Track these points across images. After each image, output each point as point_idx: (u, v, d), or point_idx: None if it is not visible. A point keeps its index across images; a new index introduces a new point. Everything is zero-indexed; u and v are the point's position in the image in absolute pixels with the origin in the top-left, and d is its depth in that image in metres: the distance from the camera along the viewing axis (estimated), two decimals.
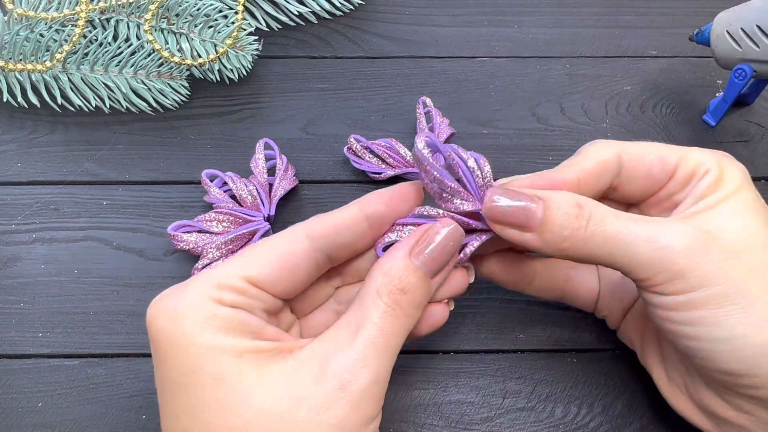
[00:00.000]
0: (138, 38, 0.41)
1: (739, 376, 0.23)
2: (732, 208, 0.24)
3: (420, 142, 0.25)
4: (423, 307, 0.24)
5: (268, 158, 0.38)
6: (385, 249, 0.26)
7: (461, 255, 0.26)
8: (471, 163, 0.25)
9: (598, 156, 0.26)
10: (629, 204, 0.29)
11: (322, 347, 0.23)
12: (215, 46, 0.41)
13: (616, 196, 0.28)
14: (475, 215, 0.26)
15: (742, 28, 0.36)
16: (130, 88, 0.40)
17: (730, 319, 0.22)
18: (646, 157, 0.26)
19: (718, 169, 0.25)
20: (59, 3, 0.41)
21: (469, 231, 0.26)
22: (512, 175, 0.28)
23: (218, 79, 0.42)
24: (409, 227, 0.26)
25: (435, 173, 0.25)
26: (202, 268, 0.34)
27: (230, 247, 0.35)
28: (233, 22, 0.41)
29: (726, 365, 0.23)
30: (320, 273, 0.26)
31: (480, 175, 0.25)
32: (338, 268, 0.27)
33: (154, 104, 0.41)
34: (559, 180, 0.26)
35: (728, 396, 0.25)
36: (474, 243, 0.26)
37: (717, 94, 0.42)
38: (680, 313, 0.23)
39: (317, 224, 0.25)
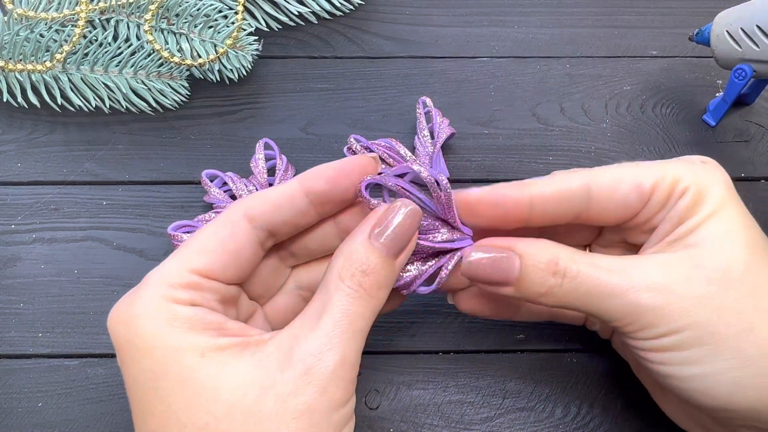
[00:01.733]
0: (138, 38, 0.41)
1: (716, 411, 0.24)
2: (710, 232, 0.24)
3: (361, 194, 0.25)
4: (388, 287, 0.24)
5: (268, 158, 0.38)
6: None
7: (438, 279, 0.26)
8: (426, 179, 0.25)
9: (562, 183, 0.25)
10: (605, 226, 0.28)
11: (288, 335, 0.22)
12: (215, 46, 0.41)
13: (588, 223, 0.27)
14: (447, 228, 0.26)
15: (742, 28, 0.36)
16: (130, 88, 0.40)
17: (700, 359, 0.23)
18: (620, 187, 0.25)
19: (696, 188, 0.24)
20: (59, 3, 0.41)
21: (443, 252, 0.26)
22: (510, 176, 0.28)
23: (218, 79, 0.42)
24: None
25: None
26: None
27: None
28: (233, 22, 0.41)
29: (701, 402, 0.24)
30: (266, 250, 0.26)
31: (439, 193, 0.25)
32: (288, 247, 0.27)
33: (154, 104, 0.41)
34: (510, 197, 0.25)
35: (722, 423, 0.25)
36: (448, 265, 0.26)
37: (717, 94, 0.42)
38: (655, 354, 0.24)
39: (254, 202, 0.25)
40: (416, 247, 0.26)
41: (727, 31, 0.37)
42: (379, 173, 0.38)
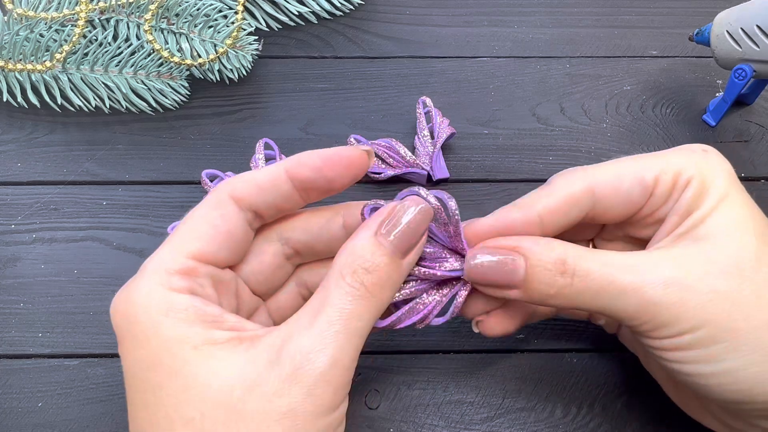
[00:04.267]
0: (138, 38, 0.41)
1: (739, 404, 0.23)
2: (719, 223, 0.23)
3: (365, 216, 0.24)
4: (393, 288, 0.23)
5: (268, 158, 0.38)
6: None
7: (451, 309, 0.26)
8: (434, 204, 0.24)
9: (565, 191, 0.25)
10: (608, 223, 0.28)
11: (281, 332, 0.22)
12: (215, 46, 0.41)
13: (594, 222, 0.26)
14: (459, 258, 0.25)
15: (742, 28, 0.36)
16: (130, 88, 0.40)
17: (720, 356, 0.23)
18: (623, 185, 0.25)
19: (699, 178, 0.24)
20: (59, 3, 0.41)
21: (455, 279, 0.26)
22: (510, 176, 0.28)
23: (218, 79, 0.42)
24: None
25: None
26: None
27: None
28: (233, 22, 0.41)
29: (724, 396, 0.23)
30: (254, 230, 0.25)
31: (447, 220, 0.24)
32: (294, 246, 0.27)
33: (154, 104, 0.41)
34: (519, 221, 0.25)
35: (739, 415, 0.25)
36: (462, 292, 0.25)
37: (717, 94, 0.42)
38: (672, 353, 0.24)
39: (240, 184, 0.24)
40: (424, 274, 0.25)
41: (727, 31, 0.37)
42: (375, 172, 0.38)
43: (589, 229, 0.29)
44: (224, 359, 0.21)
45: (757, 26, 0.35)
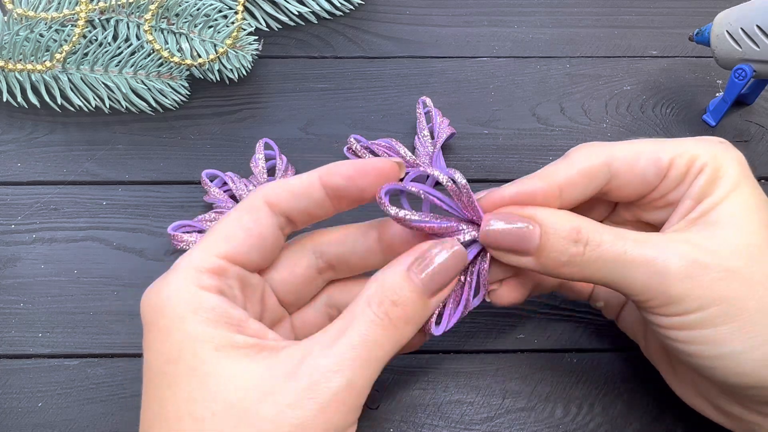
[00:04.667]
0: (138, 38, 0.41)
1: (744, 388, 0.23)
2: (730, 210, 0.24)
3: (381, 200, 0.24)
4: (417, 324, 0.24)
5: (268, 158, 0.38)
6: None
7: (482, 289, 0.26)
8: (443, 181, 0.24)
9: (584, 163, 0.25)
10: (620, 202, 0.28)
11: (303, 347, 0.22)
12: (215, 46, 0.41)
13: (606, 198, 0.27)
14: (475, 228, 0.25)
15: (742, 28, 0.36)
16: (130, 88, 0.40)
17: (728, 337, 0.23)
18: (639, 162, 0.25)
19: (713, 164, 0.24)
20: (59, 3, 0.41)
21: (475, 257, 0.26)
22: (510, 176, 0.28)
23: (218, 79, 0.42)
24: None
25: (422, 225, 0.24)
26: None
27: None
28: (233, 22, 0.41)
29: (729, 380, 0.23)
30: (285, 235, 0.26)
31: (459, 192, 0.24)
32: (328, 259, 0.27)
33: (154, 104, 0.41)
34: (540, 192, 0.25)
35: (739, 400, 0.25)
36: (484, 265, 0.26)
37: (717, 94, 0.42)
38: (679, 332, 0.23)
39: (274, 189, 0.25)
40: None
41: (727, 31, 0.37)
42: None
43: (600, 209, 0.29)
44: (243, 364, 0.21)
45: (757, 26, 0.35)
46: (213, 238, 0.24)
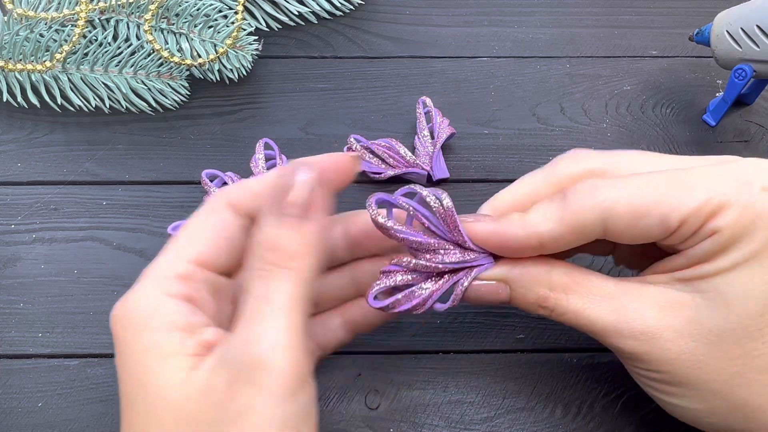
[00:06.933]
0: (138, 38, 0.41)
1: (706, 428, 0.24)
2: (728, 286, 0.21)
3: (371, 209, 0.24)
4: (311, 255, 0.22)
5: (268, 158, 0.38)
6: (375, 298, 0.25)
7: (453, 296, 0.26)
8: (431, 201, 0.24)
9: (573, 222, 0.23)
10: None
11: (222, 338, 0.21)
12: (215, 46, 0.41)
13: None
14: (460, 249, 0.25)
15: (742, 28, 0.36)
16: (130, 88, 0.40)
17: (687, 398, 0.23)
18: (641, 222, 0.22)
19: (734, 228, 0.21)
20: (59, 3, 0.41)
21: (457, 270, 0.26)
22: (510, 176, 0.27)
23: (218, 79, 0.42)
24: (398, 275, 0.25)
25: (408, 237, 0.24)
26: None
27: None
28: (233, 22, 0.41)
29: (697, 426, 0.24)
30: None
31: (445, 214, 0.24)
32: None
33: (154, 104, 0.41)
34: (515, 240, 0.24)
35: None
36: (464, 282, 0.25)
37: (717, 94, 0.42)
38: (643, 379, 0.25)
39: (235, 191, 0.24)
40: (425, 267, 0.25)
41: (727, 31, 0.37)
42: (375, 172, 0.38)
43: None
44: (190, 371, 0.20)
45: (757, 26, 0.35)
46: (180, 242, 0.23)
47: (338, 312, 0.29)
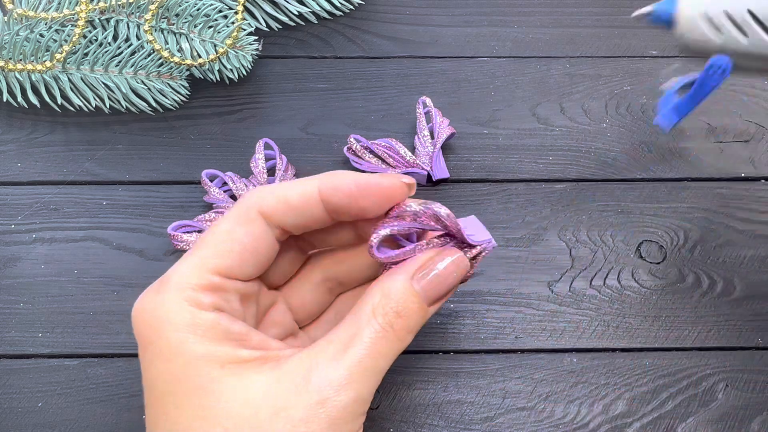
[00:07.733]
0: (138, 38, 0.41)
1: None
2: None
3: (373, 248, 0.24)
4: (415, 333, 0.24)
5: (268, 158, 0.38)
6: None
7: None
8: (443, 211, 0.24)
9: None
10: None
11: (309, 359, 0.22)
12: (215, 46, 0.41)
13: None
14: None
15: (726, 12, 0.29)
16: (130, 88, 0.40)
17: None
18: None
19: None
20: (59, 3, 0.41)
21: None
22: (510, 176, 0.27)
23: (218, 79, 0.42)
24: (407, 221, 0.24)
25: (402, 256, 0.24)
26: None
27: None
28: (233, 22, 0.41)
29: None
30: (281, 242, 0.25)
31: (450, 229, 0.24)
32: (336, 277, 0.27)
33: (154, 104, 0.41)
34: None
35: None
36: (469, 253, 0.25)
37: (664, 90, 0.36)
38: None
39: (269, 201, 0.24)
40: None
41: (703, 12, 0.30)
42: (373, 172, 0.37)
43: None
44: (250, 379, 0.21)
45: (749, 11, 0.29)
46: (205, 251, 0.23)
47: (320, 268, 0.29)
